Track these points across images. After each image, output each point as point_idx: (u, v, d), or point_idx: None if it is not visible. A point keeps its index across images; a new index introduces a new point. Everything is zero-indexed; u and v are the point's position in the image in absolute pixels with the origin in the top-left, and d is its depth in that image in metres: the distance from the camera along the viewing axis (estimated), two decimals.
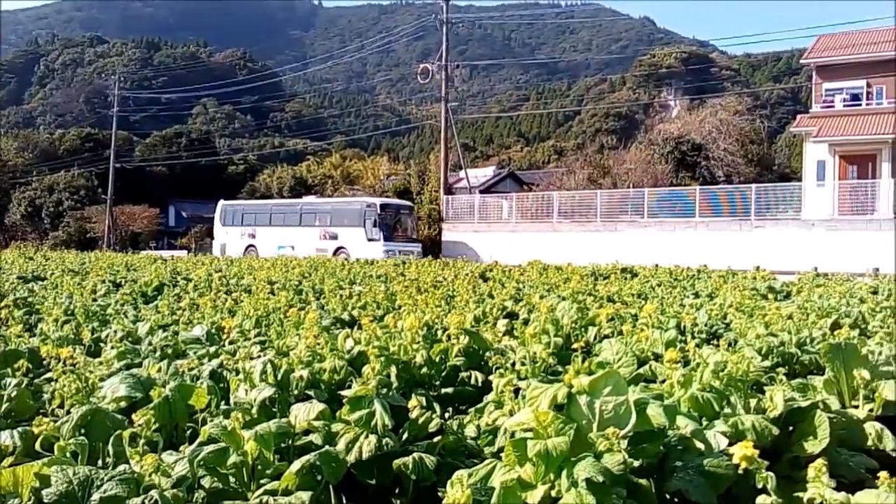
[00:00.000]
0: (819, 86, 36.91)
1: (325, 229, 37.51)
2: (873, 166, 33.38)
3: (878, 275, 17.45)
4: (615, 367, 3.96)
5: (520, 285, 10.47)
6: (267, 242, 38.83)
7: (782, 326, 5.75)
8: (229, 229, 41.62)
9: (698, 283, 12.89)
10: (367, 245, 34.70)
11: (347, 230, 36.44)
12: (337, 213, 38.01)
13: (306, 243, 36.73)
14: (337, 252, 35.39)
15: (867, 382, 3.90)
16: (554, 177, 47.94)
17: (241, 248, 39.38)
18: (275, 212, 41.63)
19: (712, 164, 45.38)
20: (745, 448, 1.98)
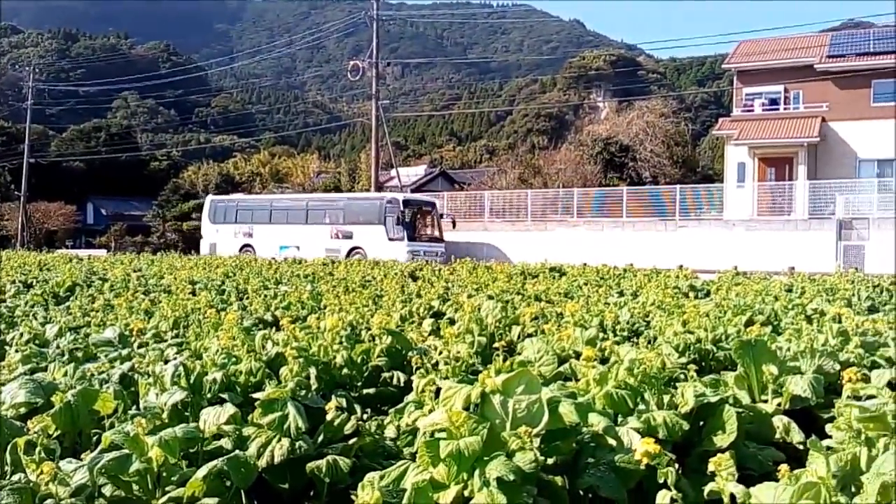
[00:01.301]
0: (740, 90, 38.14)
1: (337, 227, 33.95)
2: (790, 169, 34.70)
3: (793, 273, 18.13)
4: (536, 366, 4.00)
5: (448, 284, 10.48)
6: (266, 242, 35.39)
7: (699, 324, 5.90)
8: (220, 227, 37.80)
9: (624, 282, 13.14)
10: (388, 245, 31.40)
11: (364, 228, 32.98)
12: (352, 210, 34.37)
13: (314, 243, 33.27)
14: (351, 253, 32.19)
15: (776, 378, 4.04)
16: (486, 176, 48.35)
17: (234, 248, 35.60)
18: (276, 208, 37.66)
19: (639, 165, 46.51)
20: (647, 444, 2.01)
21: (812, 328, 5.70)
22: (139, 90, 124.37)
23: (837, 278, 13.11)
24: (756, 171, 35.29)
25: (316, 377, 3.59)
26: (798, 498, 1.85)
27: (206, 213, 39.19)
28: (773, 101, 36.99)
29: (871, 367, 4.75)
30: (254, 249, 35.23)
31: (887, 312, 7.69)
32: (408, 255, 29.41)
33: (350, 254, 31.87)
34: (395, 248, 30.73)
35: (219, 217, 38.33)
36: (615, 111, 61.33)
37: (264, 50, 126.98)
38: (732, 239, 31.08)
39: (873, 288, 10.79)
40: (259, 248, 35.10)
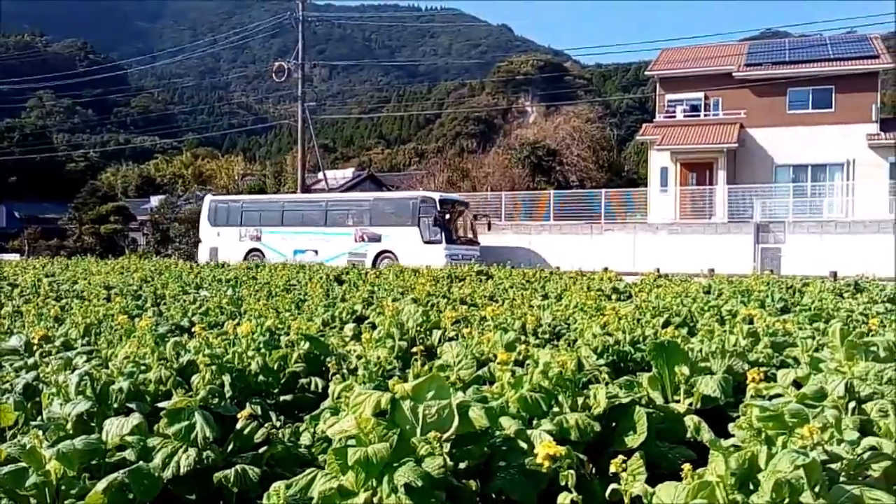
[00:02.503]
0: (662, 97, 39.16)
1: (362, 230, 31.06)
2: (711, 174, 35.83)
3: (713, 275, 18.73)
4: (455, 370, 4.00)
5: (374, 288, 10.43)
6: (278, 246, 32.35)
7: (617, 326, 6.02)
8: (222, 230, 34.46)
9: (549, 285, 13.31)
10: (423, 248, 28.91)
11: (395, 230, 30.23)
12: (380, 210, 31.41)
13: (334, 247, 30.89)
14: (380, 258, 29.77)
15: (687, 378, 4.15)
16: (414, 179, 48.33)
17: (239, 253, 32.49)
18: (289, 209, 34.28)
19: (566, 169, 47.28)
20: (548, 448, 2.03)
21: (724, 329, 5.90)
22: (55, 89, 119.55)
23: (753, 280, 13.54)
24: (678, 176, 36.30)
25: (230, 385, 3.50)
26: (692, 497, 1.90)
27: (204, 215, 35.78)
28: (694, 108, 38.14)
29: (779, 367, 4.92)
30: (263, 254, 32.35)
31: (797, 313, 7.99)
32: (446, 259, 27.31)
33: (378, 259, 29.74)
34: (431, 252, 28.30)
35: (220, 219, 34.91)
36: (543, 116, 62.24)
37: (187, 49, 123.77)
38: (656, 242, 31.97)
39: (786, 290, 11.21)
40: (269, 253, 32.21)
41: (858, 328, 6.27)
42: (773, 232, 30.72)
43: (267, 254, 32.18)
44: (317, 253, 30.68)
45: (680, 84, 38.48)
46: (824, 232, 29.45)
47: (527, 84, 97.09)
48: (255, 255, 32.32)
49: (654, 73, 40.12)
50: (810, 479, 2.08)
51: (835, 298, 9.79)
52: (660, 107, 39.36)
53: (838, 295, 10.47)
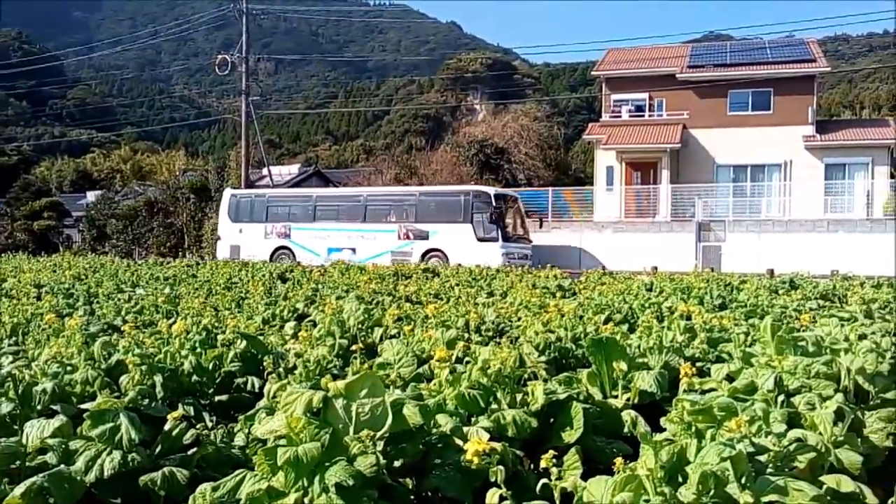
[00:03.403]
0: (608, 97, 39.73)
1: (407, 226, 28.93)
2: (655, 173, 36.53)
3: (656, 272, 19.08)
4: (396, 368, 3.98)
5: (318, 286, 10.31)
6: (310, 244, 30.08)
7: (559, 323, 6.08)
8: (245, 226, 31.80)
9: (495, 283, 13.37)
10: (478, 246, 27.03)
11: (445, 227, 28.25)
12: (428, 206, 29.40)
13: (375, 245, 28.84)
14: (427, 256, 27.71)
15: (625, 374, 4.21)
16: (362, 176, 48.03)
17: (265, 252, 30.14)
18: (322, 204, 31.75)
19: (514, 167, 47.58)
20: (477, 444, 2.03)
21: (662, 325, 6.01)
22: None
23: (694, 278, 13.77)
24: (623, 175, 36.88)
25: (162, 385, 3.41)
26: (619, 490, 1.92)
27: (224, 211, 33.05)
28: (639, 108, 38.81)
29: (715, 361, 5.03)
30: (292, 253, 30.12)
31: (733, 309, 8.18)
32: (503, 259, 25.93)
33: (425, 257, 27.54)
34: (486, 251, 26.54)
35: (243, 214, 32.24)
36: (491, 114, 62.50)
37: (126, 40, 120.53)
38: (602, 240, 32.44)
39: (724, 287, 11.44)
40: (300, 252, 29.92)
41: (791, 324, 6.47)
42: (714, 230, 31.46)
43: (297, 252, 30.01)
44: (354, 251, 28.62)
45: (625, 84, 39.11)
46: (763, 230, 30.29)
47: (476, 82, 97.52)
48: (282, 254, 30.28)
49: (601, 74, 40.69)
50: (737, 471, 2.12)
51: (770, 295, 10.03)
52: (606, 106, 39.94)
53: (774, 292, 10.73)
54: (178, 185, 44.23)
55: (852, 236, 27.18)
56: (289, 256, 29.47)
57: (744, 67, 37.12)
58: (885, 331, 5.96)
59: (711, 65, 38.25)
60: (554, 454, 2.10)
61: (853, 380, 4.18)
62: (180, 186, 43.52)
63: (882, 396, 4.14)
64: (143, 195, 45.83)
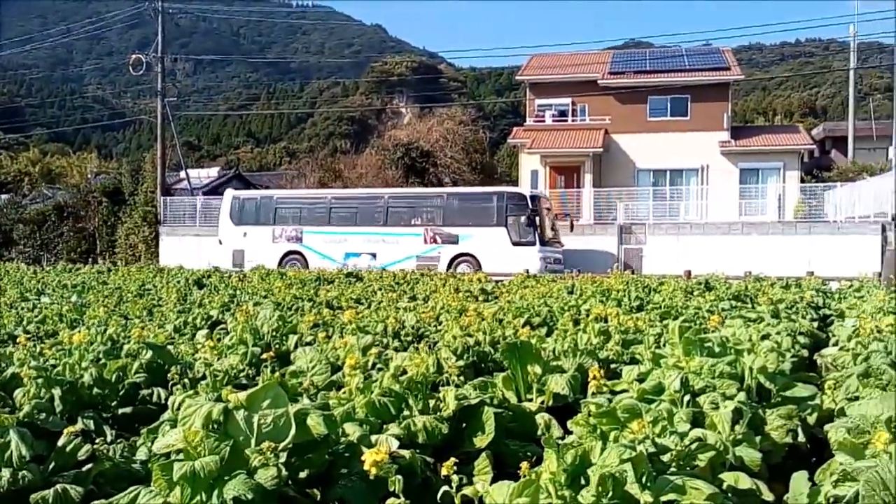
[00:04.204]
0: (532, 101, 40.24)
1: (434, 230, 27.15)
2: (578, 177, 37.19)
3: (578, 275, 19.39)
4: (309, 375, 3.92)
5: (236, 292, 10.10)
6: (324, 249, 27.97)
7: (478, 327, 6.11)
8: (250, 229, 29.50)
9: (418, 287, 13.38)
10: (513, 251, 25.53)
11: (476, 231, 26.63)
12: (456, 208, 27.63)
13: (399, 250, 27.03)
14: (456, 262, 26.25)
15: (539, 377, 4.26)
16: (284, 179, 47.32)
17: (273, 257, 27.92)
18: (339, 205, 29.52)
19: (440, 170, 47.66)
20: (375, 455, 2.01)
21: (578, 328, 6.11)
22: None
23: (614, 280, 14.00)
24: (548, 179, 37.44)
25: (60, 399, 3.27)
26: (518, 495, 1.93)
27: (225, 213, 30.58)
28: (562, 113, 39.50)
29: (629, 363, 5.14)
30: (304, 259, 28.07)
31: (649, 311, 8.39)
32: (541, 263, 24.71)
33: (454, 263, 26.14)
34: (523, 256, 24.97)
35: (247, 217, 29.95)
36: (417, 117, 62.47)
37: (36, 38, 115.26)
38: None
39: (643, 288, 11.72)
40: (313, 257, 27.79)
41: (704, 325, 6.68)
42: (634, 233, 32.20)
43: (310, 258, 27.95)
44: (375, 257, 26.92)
45: (549, 89, 39.73)
46: (681, 233, 31.16)
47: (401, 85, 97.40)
48: (293, 259, 28.17)
49: (525, 79, 41.25)
50: (637, 472, 2.17)
51: (685, 296, 10.30)
52: (530, 111, 40.48)
53: (689, 293, 11.02)
54: (90, 188, 42.53)
55: (765, 238, 28.24)
56: (300, 262, 27.65)
57: (662, 74, 38.23)
58: (790, 330, 6.23)
59: (632, 71, 39.26)
60: (456, 461, 2.10)
61: (755, 379, 4.34)
62: (92, 190, 41.86)
63: (782, 394, 4.31)
64: (53, 199, 43.89)
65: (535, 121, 39.54)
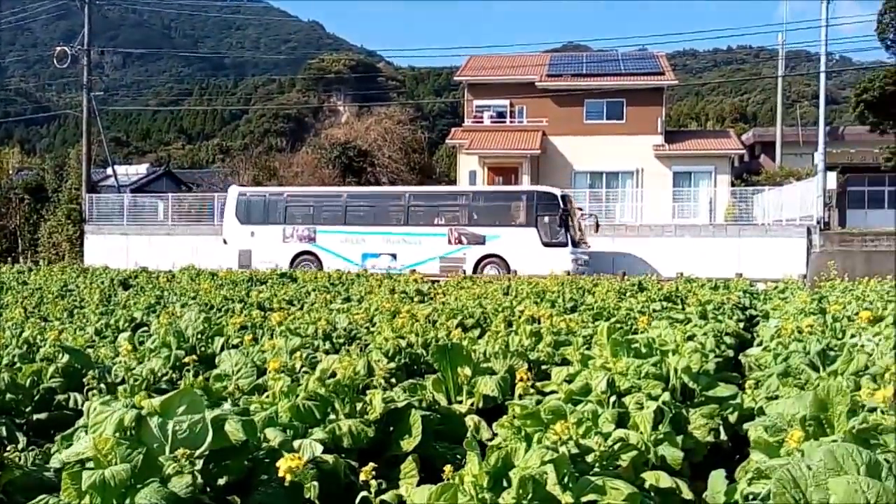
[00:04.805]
0: (470, 102, 40.38)
1: (459, 230, 26.20)
2: (516, 178, 37.49)
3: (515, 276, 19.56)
4: (234, 379, 3.83)
5: (164, 293, 9.83)
6: (340, 249, 26.82)
7: (410, 329, 6.08)
8: (258, 229, 28.04)
9: (353, 288, 13.27)
10: (544, 252, 24.68)
11: (505, 231, 25.86)
12: (482, 207, 26.88)
13: (421, 251, 26.05)
14: (483, 263, 25.45)
15: (469, 379, 4.27)
16: (217, 177, 46.41)
17: (284, 257, 26.85)
18: (355, 203, 28.31)
19: (378, 170, 47.48)
20: (290, 461, 1.98)
21: (510, 330, 6.15)
22: None
23: (549, 281, 14.12)
24: (486, 180, 37.66)
25: None
26: (436, 499, 1.92)
27: (230, 211, 28.92)
28: (501, 114, 39.75)
29: (560, 364, 5.19)
30: (317, 259, 26.94)
31: (582, 312, 8.50)
32: (572, 265, 23.98)
33: (480, 265, 25.40)
34: (553, 256, 24.14)
35: (255, 215, 28.42)
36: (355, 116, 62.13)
37: None
38: None
39: (577, 290, 11.88)
40: (328, 258, 26.67)
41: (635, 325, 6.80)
42: None
43: (324, 258, 26.83)
44: (395, 258, 25.96)
45: (487, 91, 39.97)
46: (616, 235, 31.65)
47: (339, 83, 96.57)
48: (306, 260, 26.97)
49: (463, 79, 41.36)
50: (559, 473, 2.19)
51: (618, 297, 10.46)
52: (468, 112, 40.63)
53: (622, 294, 11.22)
54: (12, 184, 40.90)
55: (697, 241, 28.94)
56: (314, 263, 26.63)
57: (599, 78, 38.87)
58: (716, 331, 6.40)
59: (569, 74, 39.82)
60: (375, 465, 2.08)
61: (680, 379, 4.44)
62: (14, 186, 40.26)
63: (705, 394, 4.41)
64: None
65: (473, 122, 39.73)
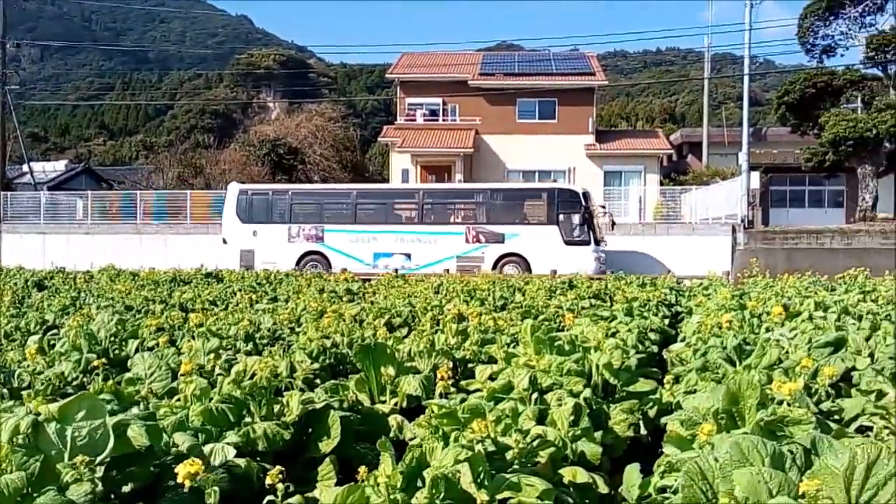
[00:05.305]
0: (403, 100, 40.27)
1: (477, 228, 25.59)
2: (449, 176, 37.60)
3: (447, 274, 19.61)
4: (147, 383, 3.71)
5: (81, 294, 9.46)
6: (350, 249, 25.90)
7: (336, 328, 6.01)
8: (261, 228, 26.90)
9: (282, 287, 13.06)
10: (566, 251, 24.21)
11: (525, 229, 25.34)
12: (501, 204, 26.19)
13: (437, 250, 25.32)
14: (502, 262, 24.84)
15: (393, 378, 4.25)
16: (140, 175, 45.10)
17: (290, 257, 25.79)
18: (366, 201, 27.48)
19: (309, 168, 46.91)
20: (189, 467, 1.92)
21: (436, 328, 6.15)
22: None
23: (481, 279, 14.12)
24: (419, 178, 37.64)
25: None
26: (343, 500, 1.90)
27: (230, 210, 27.60)
28: (433, 113, 39.80)
29: (486, 362, 5.21)
30: (326, 260, 25.98)
31: (511, 310, 8.57)
32: (595, 264, 23.69)
33: (500, 264, 24.75)
34: (576, 255, 23.85)
35: (257, 214, 27.26)
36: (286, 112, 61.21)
37: None
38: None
39: (507, 288, 11.95)
40: (337, 258, 25.70)
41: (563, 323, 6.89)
42: None
43: (332, 258, 25.86)
44: (409, 257, 25.28)
45: (420, 89, 39.92)
46: None
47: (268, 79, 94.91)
48: (313, 261, 25.97)
49: (396, 77, 41.23)
50: (474, 471, 2.19)
51: (548, 295, 10.55)
52: (401, 110, 40.52)
53: (552, 292, 11.31)
54: None
55: (627, 239, 29.49)
56: (322, 263, 25.73)
57: (531, 77, 39.35)
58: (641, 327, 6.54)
59: (501, 73, 40.15)
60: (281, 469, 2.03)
61: (601, 375, 4.51)
62: None
63: (626, 389, 4.50)
64: None
65: (406, 120, 39.66)
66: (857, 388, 3.98)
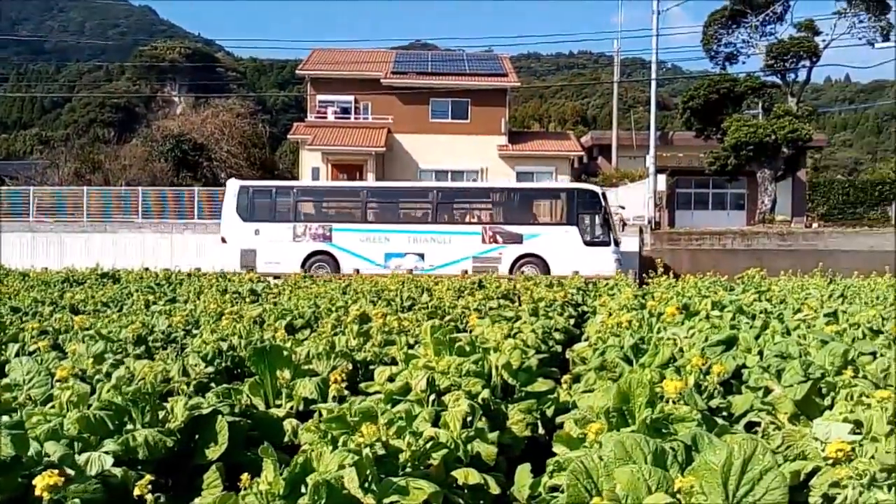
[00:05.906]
0: (314, 97, 39.69)
1: (494, 228, 24.87)
2: (361, 175, 37.30)
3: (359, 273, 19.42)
4: (25, 389, 3.51)
5: None
6: (360, 248, 24.84)
7: (234, 330, 5.86)
8: (263, 226, 25.40)
9: (182, 288, 12.66)
10: (585, 252, 23.69)
11: (543, 229, 24.76)
12: (519, 204, 25.63)
13: (452, 250, 24.57)
14: (519, 263, 24.11)
15: (290, 381, 4.16)
16: (35, 170, 42.85)
17: (295, 258, 24.62)
18: (377, 199, 26.37)
19: (215, 165, 45.64)
20: (47, 478, 1.83)
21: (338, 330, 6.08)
22: None
23: (389, 279, 14.02)
24: (330, 176, 37.20)
25: None
26: None
27: (230, 207, 25.94)
28: (345, 110, 39.37)
29: (389, 363, 5.17)
30: (333, 260, 24.89)
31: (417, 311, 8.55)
32: (615, 265, 23.01)
33: (517, 264, 24.12)
34: (596, 256, 23.48)
35: (260, 212, 25.76)
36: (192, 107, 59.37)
37: None
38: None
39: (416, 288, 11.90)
40: (346, 258, 24.72)
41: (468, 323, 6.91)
42: None
43: (341, 259, 24.87)
44: (422, 258, 24.48)
45: (331, 86, 39.46)
46: None
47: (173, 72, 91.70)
48: (320, 261, 24.93)
49: (306, 73, 40.59)
50: (360, 476, 2.16)
51: (457, 295, 10.57)
52: (311, 107, 39.94)
53: (461, 292, 11.32)
54: None
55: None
56: (329, 264, 24.74)
57: (444, 77, 39.43)
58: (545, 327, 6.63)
59: (414, 72, 40.09)
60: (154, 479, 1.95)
61: (500, 375, 4.55)
62: None
63: (525, 390, 4.55)
64: None
65: (316, 117, 39.16)
66: (746, 385, 4.12)
